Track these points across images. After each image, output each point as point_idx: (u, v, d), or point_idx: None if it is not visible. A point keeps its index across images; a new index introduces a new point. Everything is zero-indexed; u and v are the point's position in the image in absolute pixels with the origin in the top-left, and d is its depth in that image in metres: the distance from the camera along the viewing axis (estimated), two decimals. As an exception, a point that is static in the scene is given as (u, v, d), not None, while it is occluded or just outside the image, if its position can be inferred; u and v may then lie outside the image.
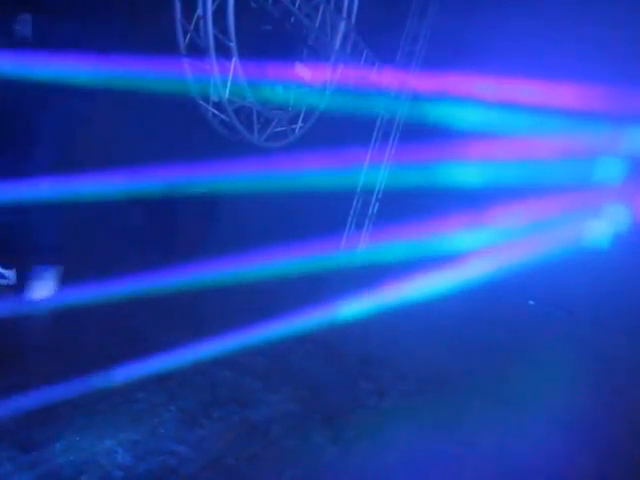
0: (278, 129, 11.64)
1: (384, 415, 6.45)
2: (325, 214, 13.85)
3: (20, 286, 6.93)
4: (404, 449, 5.71)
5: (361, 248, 15.49)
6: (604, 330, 13.91)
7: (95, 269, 7.66)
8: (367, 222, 15.60)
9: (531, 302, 14.94)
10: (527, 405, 7.85)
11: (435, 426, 6.50)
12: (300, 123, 12.23)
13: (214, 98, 9.71)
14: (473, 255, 13.76)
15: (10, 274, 6.99)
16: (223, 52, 9.37)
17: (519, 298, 14.73)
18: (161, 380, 5.69)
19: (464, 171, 14.10)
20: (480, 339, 11.04)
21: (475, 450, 6.14)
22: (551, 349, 11.78)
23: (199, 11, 8.90)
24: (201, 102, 9.64)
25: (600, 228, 14.53)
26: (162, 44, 8.64)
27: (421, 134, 14.14)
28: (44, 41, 6.97)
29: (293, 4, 10.44)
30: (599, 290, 13.75)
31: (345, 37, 12.45)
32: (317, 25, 11.55)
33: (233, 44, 9.40)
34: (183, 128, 10.00)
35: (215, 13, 9.00)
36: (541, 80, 13.56)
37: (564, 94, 13.59)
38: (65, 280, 6.92)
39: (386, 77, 14.63)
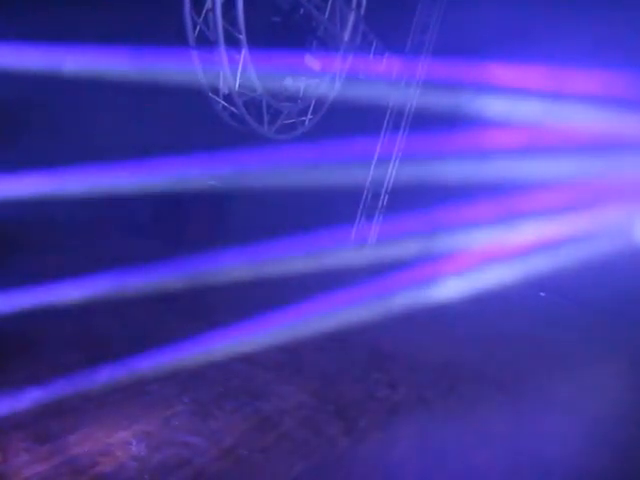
0: (288, 121, 11.62)
1: (396, 407, 6.46)
2: (335, 206, 13.84)
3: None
4: (416, 440, 5.73)
5: (371, 241, 15.48)
6: (622, 325, 13.85)
7: (105, 261, 7.69)
8: (377, 214, 15.57)
9: (542, 294, 14.90)
10: (539, 397, 7.85)
11: (446, 417, 6.51)
12: (310, 115, 12.21)
13: (224, 90, 9.70)
14: (494, 248, 13.68)
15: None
16: (232, 44, 9.36)
17: (532, 290, 14.71)
18: (174, 372, 5.70)
19: (481, 163, 13.98)
20: (492, 332, 11.04)
21: (487, 441, 6.15)
22: (563, 342, 11.77)
23: (208, 3, 8.89)
24: (211, 94, 9.63)
25: None
26: (172, 37, 8.63)
27: (432, 125, 14.07)
28: (56, 33, 6.99)
29: (302, -5, 10.42)
30: (623, 286, 13.67)
31: (354, 28, 12.39)
32: (326, 16, 11.52)
33: (242, 36, 9.38)
34: (193, 121, 10.01)
35: (224, 5, 8.98)
36: (559, 67, 13.43)
37: (584, 81, 13.46)
38: (74, 272, 6.93)
39: (396, 68, 14.57)
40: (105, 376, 5.20)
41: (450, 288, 11.98)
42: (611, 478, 6.06)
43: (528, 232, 13.71)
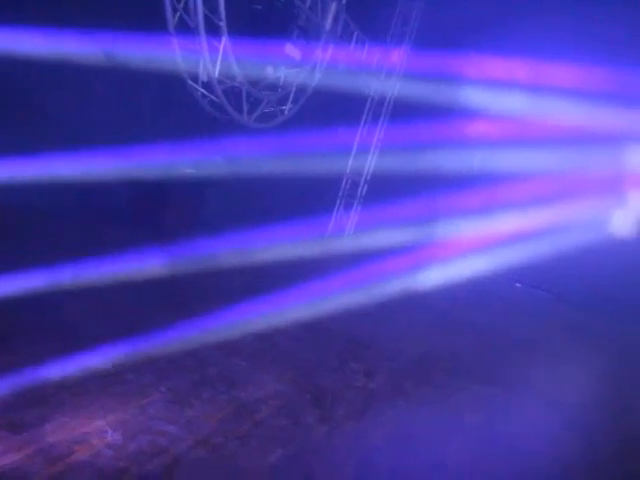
0: (267, 110, 11.56)
1: (372, 395, 6.52)
2: (314, 195, 13.85)
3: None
4: (391, 428, 5.79)
5: (349, 230, 15.52)
6: (595, 314, 14.06)
7: (79, 250, 7.63)
8: (356, 203, 15.61)
9: (518, 285, 15.07)
10: (512, 386, 7.96)
11: (421, 406, 6.58)
12: (290, 104, 12.17)
13: (203, 78, 9.61)
14: (471, 239, 13.77)
15: None
16: (213, 31, 9.28)
17: (508, 281, 14.86)
18: (151, 361, 5.70)
19: (462, 154, 14.05)
20: (468, 322, 11.16)
21: (460, 427, 6.25)
22: (538, 332, 11.92)
23: (189, -11, 8.80)
24: (190, 82, 9.55)
25: (624, 217, 14.57)
26: (151, 23, 8.54)
27: (412, 115, 14.09)
28: (34, 19, 6.89)
29: (284, -16, 10.37)
30: (601, 277, 13.85)
31: (336, 18, 12.35)
32: (308, 5, 11.46)
33: (223, 23, 9.30)
34: (172, 108, 9.94)
35: (205, -8, 8.90)
36: (539, 60, 13.50)
37: (565, 75, 13.55)
38: (49, 259, 6.86)
39: (376, 58, 14.56)
40: (81, 365, 5.18)
41: (428, 278, 12.06)
42: (582, 464, 6.18)
43: (506, 223, 13.82)
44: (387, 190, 14.31)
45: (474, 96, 14.26)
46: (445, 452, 5.58)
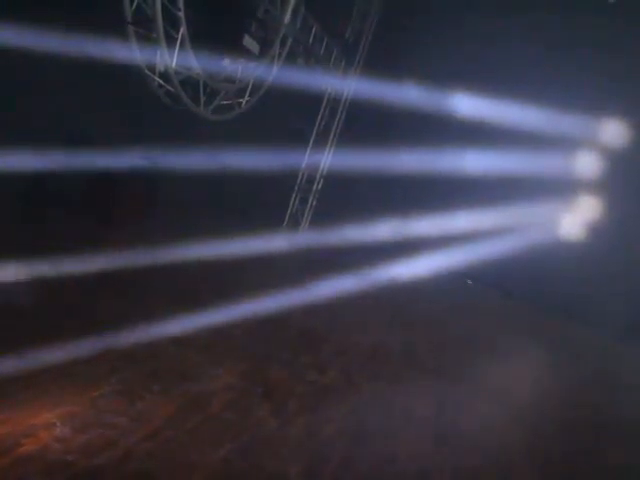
0: (225, 102, 11.51)
1: (324, 389, 6.57)
2: (270, 189, 13.84)
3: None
4: (343, 422, 5.85)
5: (304, 225, 15.56)
6: (539, 309, 14.50)
7: (31, 242, 7.48)
8: (311, 198, 15.66)
9: (469, 281, 15.37)
10: (462, 380, 8.14)
11: (373, 399, 6.67)
12: (247, 97, 12.13)
13: (160, 68, 9.51)
14: (425, 237, 13.98)
15: None
16: (171, 21, 9.18)
17: (461, 278, 15.15)
18: (101, 353, 5.63)
19: (417, 154, 14.23)
20: (419, 317, 11.34)
21: (411, 420, 6.36)
22: (487, 327, 12.20)
23: (147, -22, 8.70)
24: (147, 71, 9.44)
25: (573, 220, 15.03)
26: (108, 11, 8.40)
27: (369, 113, 14.20)
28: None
29: (243, -25, 10.31)
30: (550, 277, 14.28)
31: (295, 12, 12.35)
32: (267, -2, 11.43)
33: (181, 13, 9.22)
34: (128, 98, 9.79)
35: (163, -19, 8.81)
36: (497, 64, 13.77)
37: (520, 80, 13.86)
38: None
39: (335, 54, 14.61)
40: (30, 357, 5.08)
41: (382, 273, 12.20)
42: (530, 457, 6.36)
43: (459, 223, 14.09)
44: (343, 186, 14.42)
45: (432, 96, 14.47)
46: (396, 445, 5.67)
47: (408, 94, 14.50)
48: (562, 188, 14.78)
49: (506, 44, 13.73)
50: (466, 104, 14.40)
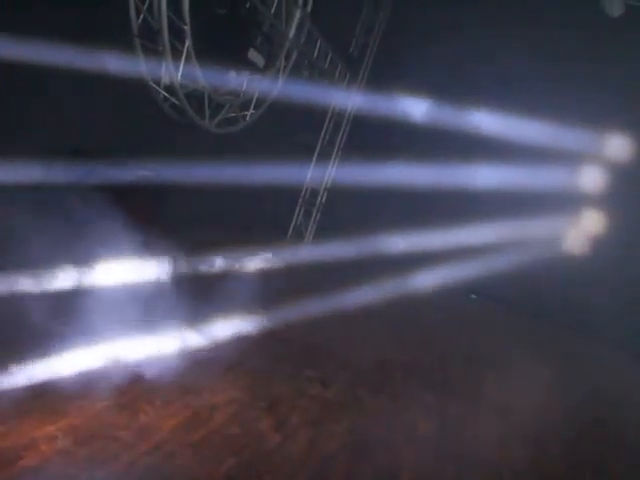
0: (229, 115, 11.55)
1: (327, 404, 6.53)
2: (273, 203, 13.85)
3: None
4: (346, 436, 5.81)
5: (308, 238, 15.57)
6: (543, 323, 14.44)
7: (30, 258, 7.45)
8: (315, 212, 15.67)
9: (473, 296, 15.33)
10: (466, 398, 8.10)
11: (377, 416, 6.63)
12: (252, 110, 12.18)
13: (165, 81, 9.56)
14: (430, 251, 13.95)
15: None
16: (176, 34, 9.24)
17: (464, 293, 15.12)
18: (103, 367, 5.61)
19: (421, 167, 14.24)
20: (423, 332, 11.30)
21: (414, 435, 6.32)
22: (492, 344, 12.15)
23: (153, -9, 8.76)
24: (152, 84, 9.48)
25: (576, 234, 15.03)
26: (114, 24, 8.45)
27: (373, 126, 14.25)
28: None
29: (249, -11, 10.39)
30: (554, 291, 14.25)
31: (300, 25, 12.42)
32: (272, 12, 11.50)
33: (187, 27, 9.28)
34: (132, 110, 9.81)
35: (169, -6, 8.87)
36: (500, 78, 13.82)
37: (524, 92, 13.90)
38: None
39: (339, 67, 14.68)
40: (33, 369, 5.07)
41: (385, 287, 12.16)
42: (534, 473, 6.32)
43: (464, 237, 14.07)
44: (348, 199, 14.43)
45: (433, 111, 14.51)
46: (399, 460, 5.63)
47: (412, 108, 14.56)
48: (566, 202, 14.77)
49: (509, 59, 13.77)
50: (470, 119, 14.43)
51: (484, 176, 14.07)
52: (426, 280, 13.13)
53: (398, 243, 14.14)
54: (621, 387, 11.78)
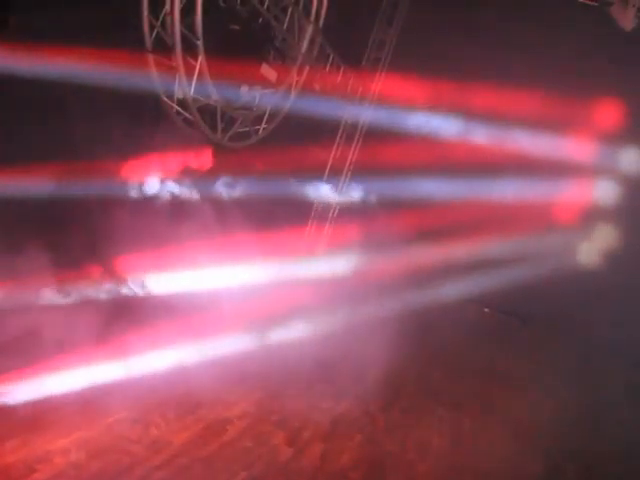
0: (242, 129, 11.59)
1: (339, 418, 6.50)
2: (286, 214, 13.86)
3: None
4: (359, 451, 5.78)
5: (320, 251, 15.54)
6: (556, 337, 14.31)
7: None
8: (327, 225, 15.67)
9: (486, 310, 15.24)
10: (477, 411, 8.03)
11: (389, 430, 6.59)
12: (264, 124, 12.22)
13: (178, 95, 9.62)
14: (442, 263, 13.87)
15: None
16: (189, 50, 9.31)
17: (477, 306, 15.03)
18: (115, 380, 5.62)
19: (433, 178, 14.21)
20: (434, 346, 11.23)
21: (427, 451, 6.27)
22: (503, 357, 12.05)
23: (167, 7, 8.82)
24: (165, 99, 9.54)
25: (590, 247, 14.94)
26: (128, 39, 8.52)
27: (385, 139, 14.25)
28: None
29: (262, 5, 10.45)
30: (568, 304, 14.12)
31: (312, 40, 12.48)
32: (285, 27, 11.57)
33: (200, 42, 9.34)
34: (146, 125, 9.87)
35: (183, 10, 8.93)
36: (512, 89, 13.78)
37: (521, 103, 13.87)
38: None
39: (351, 82, 14.72)
40: (44, 382, 5.08)
41: (397, 300, 12.10)
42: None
43: (475, 249, 14.01)
44: (360, 211, 14.43)
45: (449, 122, 14.52)
46: (412, 476, 5.59)
47: (424, 121, 14.56)
48: (580, 216, 14.71)
49: (523, 79, 13.74)
50: (483, 131, 14.42)
51: (499, 189, 14.03)
52: (439, 294, 13.06)
53: (407, 256, 14.08)
54: (637, 403, 11.63)
